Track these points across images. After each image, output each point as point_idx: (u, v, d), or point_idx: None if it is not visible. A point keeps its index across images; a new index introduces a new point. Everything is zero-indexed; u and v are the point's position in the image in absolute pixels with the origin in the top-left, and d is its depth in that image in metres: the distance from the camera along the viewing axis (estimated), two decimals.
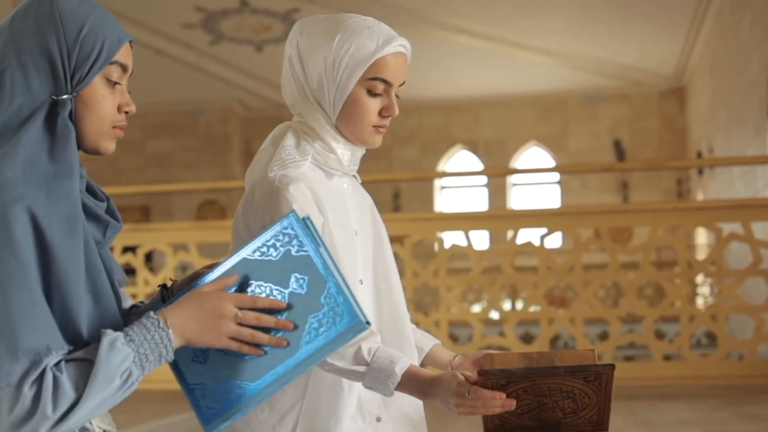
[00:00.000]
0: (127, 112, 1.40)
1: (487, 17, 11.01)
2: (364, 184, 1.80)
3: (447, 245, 6.07)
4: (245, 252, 1.36)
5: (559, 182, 14.41)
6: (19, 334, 1.18)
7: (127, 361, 1.22)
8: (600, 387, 1.53)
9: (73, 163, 1.29)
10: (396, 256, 6.07)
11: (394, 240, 6.21)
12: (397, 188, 14.30)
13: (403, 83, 1.69)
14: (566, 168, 13.66)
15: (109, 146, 1.39)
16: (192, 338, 1.29)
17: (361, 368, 1.51)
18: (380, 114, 1.66)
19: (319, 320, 1.33)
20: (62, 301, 1.23)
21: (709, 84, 11.47)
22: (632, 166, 12.83)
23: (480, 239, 13.11)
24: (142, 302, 1.57)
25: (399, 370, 1.50)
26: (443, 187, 14.74)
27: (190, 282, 1.44)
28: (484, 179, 14.53)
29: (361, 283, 1.67)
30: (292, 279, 1.34)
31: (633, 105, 14.01)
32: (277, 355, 1.32)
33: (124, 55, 1.38)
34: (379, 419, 1.65)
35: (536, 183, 14.69)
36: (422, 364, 1.77)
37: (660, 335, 9.28)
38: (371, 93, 1.64)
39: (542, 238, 5.89)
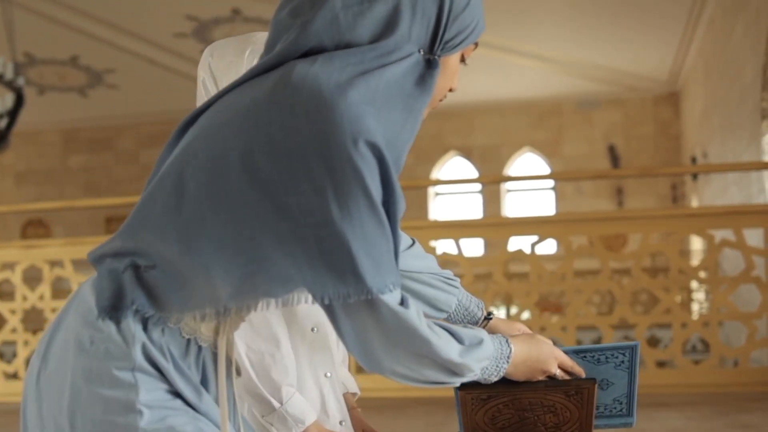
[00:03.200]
0: (451, 90, 1.39)
1: None
2: None
3: (438, 253, 6.05)
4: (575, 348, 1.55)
5: (553, 188, 14.41)
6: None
7: (482, 365, 1.32)
8: (582, 401, 1.51)
9: (418, 122, 1.26)
10: None
11: None
12: None
13: None
14: (559, 176, 13.66)
15: (425, 114, 1.36)
16: (514, 375, 1.41)
17: (276, 403, 1.60)
18: None
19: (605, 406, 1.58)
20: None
21: (702, 89, 11.48)
22: (624, 173, 12.84)
23: (475, 246, 13.11)
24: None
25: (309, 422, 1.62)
26: (437, 194, 14.74)
27: None
28: (478, 186, 14.53)
29: None
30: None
31: (627, 110, 14.01)
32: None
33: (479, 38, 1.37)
34: (342, 422, 1.69)
35: (531, 189, 14.69)
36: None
37: (655, 341, 9.28)
38: None
39: (533, 245, 5.87)
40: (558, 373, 1.46)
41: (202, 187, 1.17)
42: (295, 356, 1.64)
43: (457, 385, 1.35)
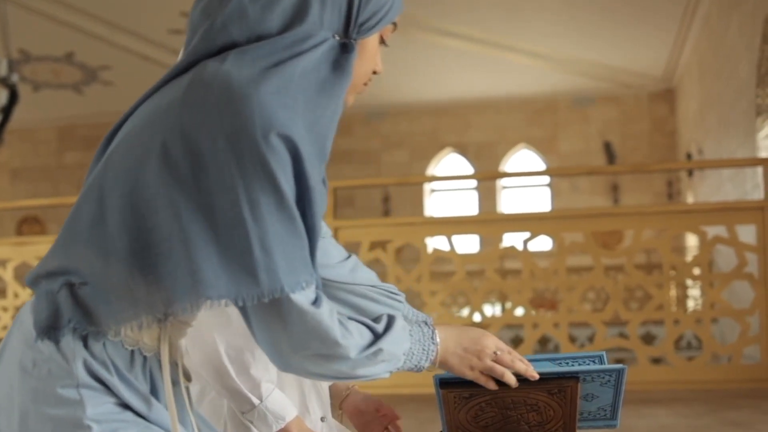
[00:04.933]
0: (375, 72, 1.38)
1: (476, 20, 11.00)
2: None
3: (430, 250, 6.06)
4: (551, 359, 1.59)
5: (549, 185, 14.41)
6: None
7: (403, 348, 1.30)
8: (565, 399, 1.51)
9: (338, 109, 1.24)
10: (379, 261, 6.11)
11: (379, 245, 6.21)
12: (387, 192, 14.29)
13: None
14: (553, 172, 13.67)
15: (351, 101, 1.36)
16: (449, 360, 1.38)
17: (255, 400, 1.60)
18: None
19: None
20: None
21: (698, 86, 11.48)
22: (618, 169, 12.84)
23: (470, 243, 13.11)
24: None
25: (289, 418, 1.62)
26: (433, 191, 14.73)
27: None
28: (473, 182, 14.52)
29: None
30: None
31: (623, 107, 14.01)
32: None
33: (398, 18, 1.37)
34: (323, 418, 1.69)
35: (526, 186, 14.69)
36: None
37: (650, 338, 9.29)
38: None
39: (525, 242, 5.87)
40: (498, 352, 1.41)
41: (125, 196, 1.17)
42: None
43: (387, 375, 1.33)
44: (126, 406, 1.22)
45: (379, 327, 1.27)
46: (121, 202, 1.17)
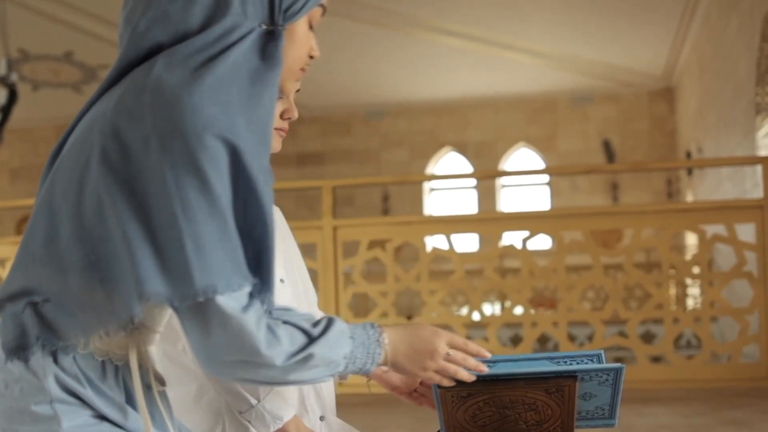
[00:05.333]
0: (312, 57, 1.37)
1: (475, 19, 10.99)
2: (304, 196, 1.84)
3: (429, 249, 6.06)
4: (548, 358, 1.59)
5: (548, 184, 14.41)
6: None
7: (341, 351, 1.25)
8: (563, 398, 1.51)
9: (274, 96, 1.23)
10: (378, 260, 6.11)
11: (377, 244, 6.20)
12: (386, 191, 14.29)
13: (299, 90, 1.75)
14: (551, 170, 13.66)
15: (293, 88, 1.38)
16: (399, 362, 1.34)
17: (252, 400, 1.60)
18: (281, 117, 1.71)
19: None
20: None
21: (697, 85, 11.48)
22: (617, 168, 12.84)
23: (469, 242, 13.11)
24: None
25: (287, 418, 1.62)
26: (432, 190, 14.73)
27: None
28: (473, 181, 14.52)
29: (282, 282, 1.72)
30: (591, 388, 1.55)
31: (622, 106, 14.01)
32: None
33: (326, 0, 1.35)
34: (322, 418, 1.69)
35: (526, 184, 14.69)
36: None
37: (650, 336, 9.28)
38: None
39: (524, 241, 5.87)
40: (451, 352, 1.39)
41: (73, 207, 1.18)
42: None
43: (328, 379, 1.31)
44: (102, 417, 1.22)
45: (315, 331, 1.23)
46: (70, 214, 1.18)
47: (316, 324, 1.25)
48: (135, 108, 1.15)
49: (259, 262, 1.18)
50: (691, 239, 11.90)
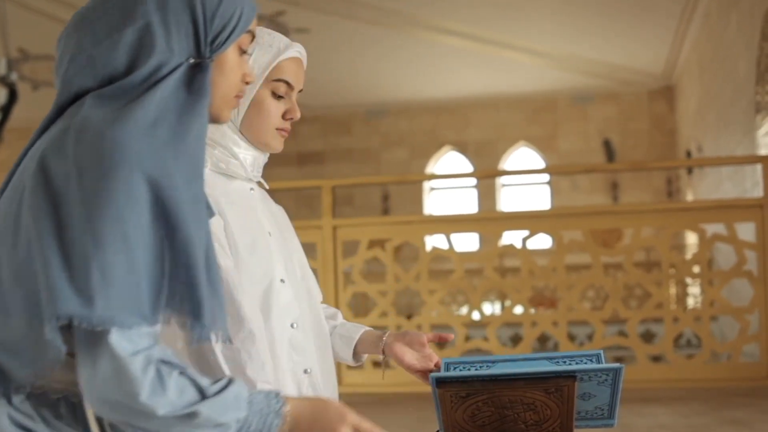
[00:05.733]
0: (247, 83, 1.38)
1: (475, 18, 10.99)
2: (271, 192, 1.86)
3: (428, 248, 6.06)
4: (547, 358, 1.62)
5: (548, 183, 14.41)
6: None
7: (233, 415, 1.21)
8: (562, 398, 1.51)
9: (203, 128, 1.25)
10: (377, 260, 6.11)
11: (377, 243, 6.20)
12: (386, 191, 14.29)
13: (301, 90, 1.75)
14: (551, 170, 13.67)
15: (227, 116, 1.37)
16: None
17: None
18: (284, 117, 1.71)
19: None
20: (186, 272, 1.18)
21: (697, 84, 11.47)
22: (616, 167, 12.84)
23: (470, 241, 13.11)
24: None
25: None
26: (432, 189, 14.73)
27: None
28: (473, 181, 14.52)
29: (283, 282, 1.70)
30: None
31: (622, 105, 14.01)
32: None
33: (254, 25, 1.36)
34: (306, 371, 1.69)
35: (526, 184, 14.68)
36: (356, 352, 1.86)
37: (650, 336, 9.28)
38: (275, 95, 1.69)
39: (524, 240, 5.87)
40: None
41: (11, 248, 1.19)
42: (272, 353, 1.64)
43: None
44: None
45: (210, 390, 1.21)
46: (8, 255, 1.19)
47: (215, 383, 1.22)
48: (61, 146, 1.17)
49: (184, 299, 1.17)
50: (691, 238, 11.90)
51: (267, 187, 1.81)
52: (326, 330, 1.81)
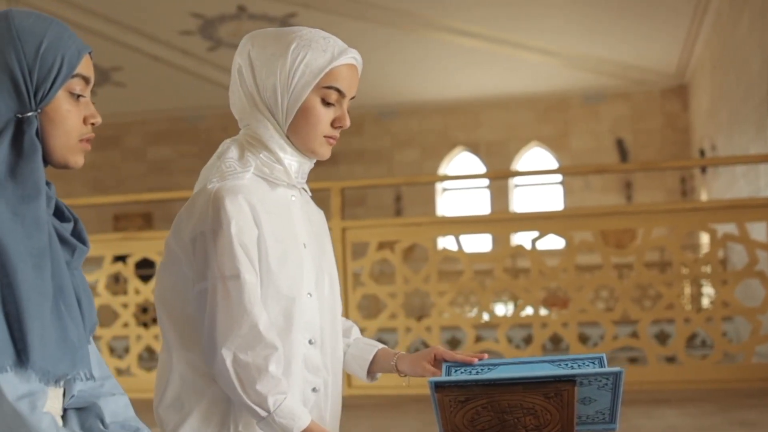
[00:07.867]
0: (93, 124, 1.39)
1: (486, 18, 10.97)
2: (314, 197, 1.81)
3: (439, 249, 6.05)
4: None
5: (561, 183, 14.35)
6: None
7: None
8: (562, 403, 1.50)
9: (39, 182, 1.27)
10: (387, 261, 6.10)
11: (387, 245, 6.19)
12: (399, 192, 14.28)
13: (354, 97, 1.70)
14: (562, 170, 13.62)
15: (78, 160, 1.38)
16: None
17: (262, 413, 1.56)
18: (332, 125, 1.67)
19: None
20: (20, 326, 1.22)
21: (710, 82, 11.42)
22: (629, 167, 12.78)
23: (483, 242, 13.07)
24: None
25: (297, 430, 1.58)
26: (445, 190, 14.70)
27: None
28: (485, 181, 14.48)
29: (310, 296, 1.67)
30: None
31: (635, 104, 13.94)
32: None
33: (85, 67, 1.36)
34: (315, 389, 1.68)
35: (538, 184, 14.64)
36: (370, 371, 1.83)
37: (664, 336, 9.23)
38: (325, 102, 1.65)
39: (533, 241, 5.84)
40: None
41: None
42: (287, 369, 1.61)
43: None
44: None
45: None
46: None
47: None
48: None
49: (22, 345, 1.22)
50: (705, 238, 11.83)
51: (309, 193, 1.78)
52: (341, 347, 1.78)
